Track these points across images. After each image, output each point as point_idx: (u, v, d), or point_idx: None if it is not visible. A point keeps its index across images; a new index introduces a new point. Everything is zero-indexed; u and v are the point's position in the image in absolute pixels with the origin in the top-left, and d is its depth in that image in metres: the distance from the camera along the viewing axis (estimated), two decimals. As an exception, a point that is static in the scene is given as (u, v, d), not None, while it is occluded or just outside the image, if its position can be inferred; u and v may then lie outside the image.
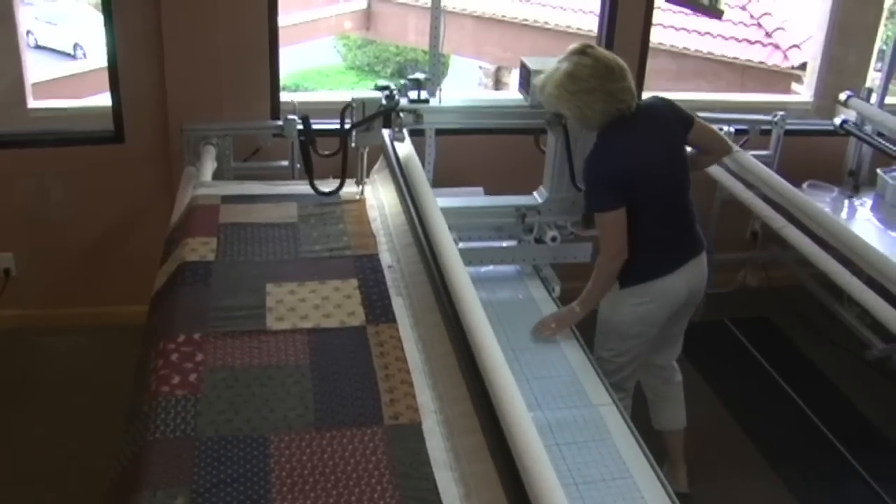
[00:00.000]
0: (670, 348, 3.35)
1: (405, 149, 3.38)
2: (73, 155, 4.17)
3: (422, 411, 2.23)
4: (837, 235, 3.61)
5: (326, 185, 3.29)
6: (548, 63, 3.23)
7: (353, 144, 3.17)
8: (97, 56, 10.15)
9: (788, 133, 4.52)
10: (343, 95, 3.91)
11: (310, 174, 3.08)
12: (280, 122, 4.06)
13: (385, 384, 2.31)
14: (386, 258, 2.95)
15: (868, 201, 4.59)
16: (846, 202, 4.60)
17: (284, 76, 4.35)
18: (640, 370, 3.28)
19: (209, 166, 3.79)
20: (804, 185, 4.55)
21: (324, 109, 4.33)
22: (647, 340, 3.13)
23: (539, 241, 3.47)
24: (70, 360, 4.18)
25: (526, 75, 3.36)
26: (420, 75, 3.42)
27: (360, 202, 3.33)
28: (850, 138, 4.72)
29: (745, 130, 4.45)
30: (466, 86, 13.45)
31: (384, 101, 3.20)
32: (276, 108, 4.21)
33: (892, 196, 4.49)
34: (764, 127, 4.49)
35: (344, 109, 3.15)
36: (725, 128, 4.34)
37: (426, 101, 3.42)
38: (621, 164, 2.95)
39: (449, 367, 2.36)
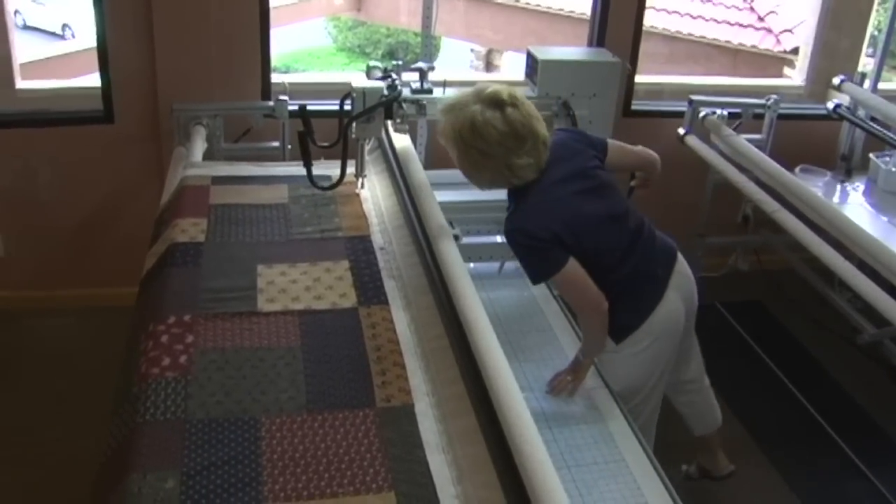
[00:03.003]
0: (692, 361, 3.14)
1: (402, 140, 3.29)
2: (62, 135, 4.14)
3: (414, 394, 2.22)
4: (830, 220, 3.60)
5: (318, 168, 3.26)
6: (551, 52, 3.26)
7: (352, 136, 3.01)
8: (86, 36, 10.07)
9: (781, 117, 4.51)
10: (335, 77, 3.89)
11: (308, 168, 2.86)
12: (271, 103, 4.04)
13: (377, 366, 2.30)
14: (378, 239, 2.94)
15: (860, 186, 4.59)
16: (838, 186, 4.59)
17: (275, 58, 4.32)
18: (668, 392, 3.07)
19: (199, 147, 3.76)
20: (797, 170, 4.54)
21: (315, 91, 4.33)
22: (665, 374, 2.91)
23: None
24: (59, 342, 4.16)
25: (533, 65, 3.32)
26: (422, 64, 3.33)
27: (352, 184, 3.28)
28: (842, 123, 4.71)
29: (739, 114, 4.43)
30: (458, 68, 13.37)
31: (385, 91, 3.00)
32: (267, 89, 4.18)
33: (884, 181, 4.48)
34: (757, 111, 4.47)
35: (343, 98, 3.01)
36: (718, 111, 4.34)
37: (429, 90, 3.33)
38: (551, 221, 2.55)
39: (442, 350, 2.35)
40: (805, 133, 4.77)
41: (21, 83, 4.28)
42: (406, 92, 3.23)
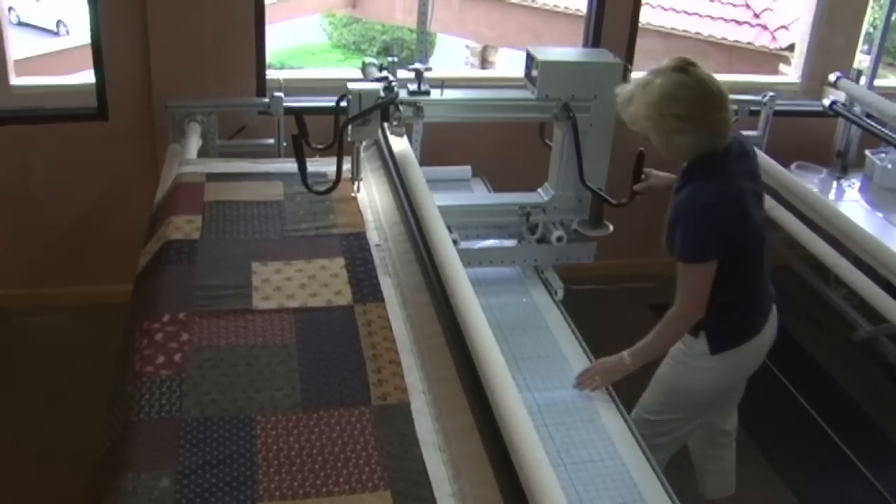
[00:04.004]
0: (735, 412, 3.10)
1: (400, 143, 3.22)
2: (57, 132, 4.13)
3: (410, 391, 2.21)
4: (826, 216, 3.61)
5: (313, 165, 3.25)
6: (550, 53, 3.16)
7: (348, 138, 2.95)
8: (81, 33, 10.05)
9: (777, 114, 4.51)
10: (330, 73, 3.87)
11: (303, 173, 2.78)
12: (266, 100, 4.03)
13: (373, 364, 2.29)
14: (373, 236, 2.92)
15: (856, 182, 4.59)
16: (834, 183, 4.60)
17: (269, 54, 4.31)
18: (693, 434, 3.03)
19: (194, 144, 3.76)
20: (792, 166, 4.54)
21: (310, 87, 4.31)
22: (719, 404, 2.91)
23: (542, 240, 3.36)
24: (53, 340, 4.14)
25: (532, 65, 3.21)
26: (419, 65, 3.25)
27: (348, 185, 3.24)
28: (838, 119, 4.71)
29: (735, 111, 4.41)
30: (453, 65, 13.36)
31: (382, 93, 2.94)
32: (262, 86, 4.17)
33: (880, 177, 4.49)
34: (753, 108, 4.47)
35: (339, 100, 2.98)
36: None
37: (426, 92, 3.25)
38: (732, 208, 2.58)
39: (438, 347, 2.34)
40: (801, 130, 4.77)
41: (15, 80, 4.26)
42: (403, 94, 3.16)
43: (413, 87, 3.24)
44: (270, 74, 4.25)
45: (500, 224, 3.41)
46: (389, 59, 3.88)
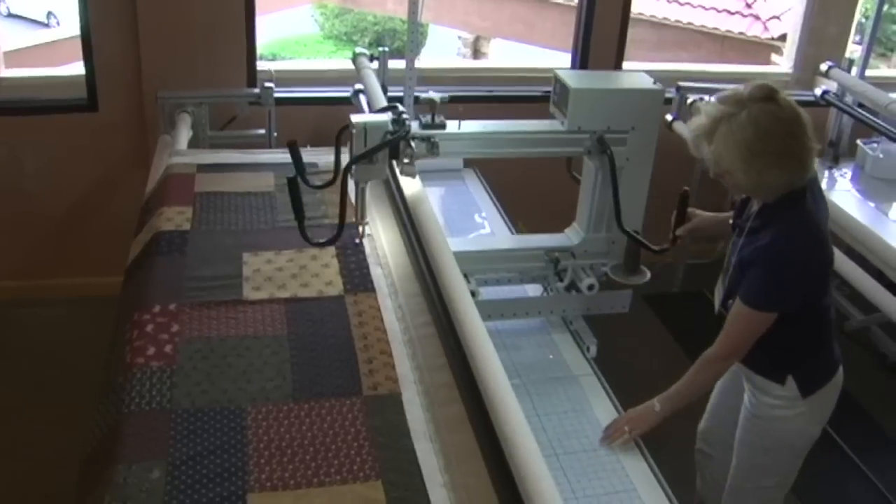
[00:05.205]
0: None
1: (413, 186, 2.81)
2: (46, 124, 4.12)
3: (401, 382, 2.20)
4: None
5: (306, 155, 3.23)
6: (581, 78, 2.85)
7: (351, 179, 2.54)
8: (71, 24, 10.02)
9: (769, 103, 4.50)
10: (321, 64, 3.85)
11: (300, 220, 2.44)
12: (257, 90, 4.01)
13: (364, 354, 2.29)
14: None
15: (848, 172, 4.59)
16: (826, 173, 4.59)
17: (261, 46, 4.30)
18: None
19: (185, 135, 3.74)
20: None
21: (302, 79, 4.31)
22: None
23: (570, 287, 3.01)
24: (44, 332, 4.13)
25: (561, 93, 2.82)
26: (434, 95, 2.80)
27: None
28: (830, 109, 4.71)
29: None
30: (445, 56, 13.35)
31: (391, 127, 2.48)
32: (252, 76, 4.16)
33: (871, 167, 4.49)
34: (745, 97, 4.46)
35: (340, 133, 2.59)
36: (706, 97, 4.32)
37: (442, 125, 2.81)
38: (821, 257, 2.36)
39: (429, 337, 2.34)
40: (793, 120, 4.75)
41: (4, 72, 4.25)
42: (415, 127, 2.72)
43: (426, 118, 2.82)
44: (261, 65, 4.24)
45: (522, 269, 3.07)
46: (381, 49, 3.88)
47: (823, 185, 4.44)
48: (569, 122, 2.79)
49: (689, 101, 4.35)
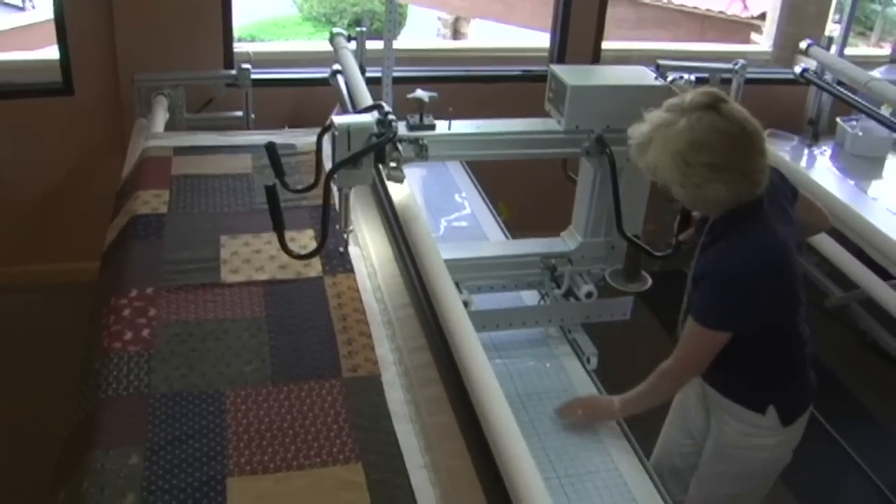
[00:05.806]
0: None
1: (401, 191, 2.63)
2: (21, 108, 4.07)
3: (381, 363, 2.20)
4: (797, 183, 3.58)
5: (283, 136, 3.22)
6: (579, 73, 2.68)
7: (334, 185, 2.35)
8: (46, 7, 9.91)
9: (748, 81, 4.49)
10: (300, 45, 3.82)
11: (280, 232, 2.24)
12: (234, 72, 3.98)
13: (343, 336, 2.28)
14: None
15: (827, 150, 4.61)
16: (806, 151, 4.62)
17: (239, 28, 4.26)
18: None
19: (161, 117, 3.72)
20: (764, 134, 4.54)
21: (279, 60, 4.28)
22: None
23: (567, 294, 2.85)
24: (20, 318, 4.09)
25: (558, 90, 2.66)
26: (423, 94, 2.63)
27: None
28: (809, 87, 4.72)
29: (706, 79, 4.42)
30: (425, 37, 13.30)
31: (376, 129, 2.27)
32: (229, 58, 4.13)
33: (850, 145, 4.51)
34: (724, 76, 4.46)
35: (321, 134, 2.43)
36: (686, 76, 4.31)
37: (431, 126, 2.63)
38: (783, 273, 2.23)
39: (408, 318, 2.34)
40: (772, 98, 4.77)
41: (-21, 56, 4.20)
42: (402, 128, 2.53)
43: (414, 119, 2.64)
44: (239, 47, 4.21)
45: (516, 277, 2.91)
46: (358, 29, 3.85)
47: (803, 163, 4.46)
48: (566, 120, 2.64)
49: (668, 79, 4.33)
